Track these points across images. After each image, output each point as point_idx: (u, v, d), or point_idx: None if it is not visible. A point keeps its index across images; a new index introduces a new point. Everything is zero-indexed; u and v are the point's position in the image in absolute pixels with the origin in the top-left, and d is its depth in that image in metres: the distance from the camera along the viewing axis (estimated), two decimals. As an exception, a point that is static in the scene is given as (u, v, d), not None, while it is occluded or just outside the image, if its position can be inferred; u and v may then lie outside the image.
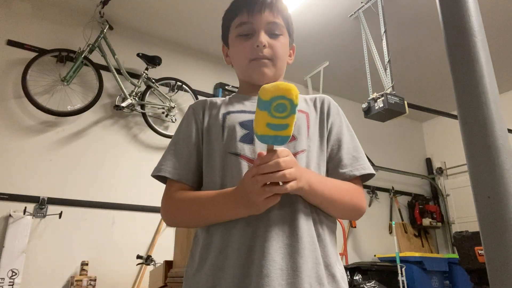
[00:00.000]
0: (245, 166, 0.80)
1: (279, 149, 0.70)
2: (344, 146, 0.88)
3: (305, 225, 0.77)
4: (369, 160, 3.70)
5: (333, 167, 0.88)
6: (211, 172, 0.86)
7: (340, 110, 0.96)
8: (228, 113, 0.89)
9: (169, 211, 0.90)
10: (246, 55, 0.90)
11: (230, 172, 0.82)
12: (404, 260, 3.64)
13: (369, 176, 0.88)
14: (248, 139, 0.83)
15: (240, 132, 0.84)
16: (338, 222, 3.72)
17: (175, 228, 2.48)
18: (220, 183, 0.83)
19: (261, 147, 0.81)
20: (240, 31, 0.91)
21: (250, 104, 0.91)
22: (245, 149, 0.82)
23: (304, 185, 0.74)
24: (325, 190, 0.79)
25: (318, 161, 0.86)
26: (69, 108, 3.16)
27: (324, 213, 0.83)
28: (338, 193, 0.82)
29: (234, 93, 1.00)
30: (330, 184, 0.82)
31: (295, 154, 0.81)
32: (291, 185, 0.71)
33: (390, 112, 2.93)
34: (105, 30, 3.30)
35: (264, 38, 0.88)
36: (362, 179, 0.89)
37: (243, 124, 0.85)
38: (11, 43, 3.11)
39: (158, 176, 0.92)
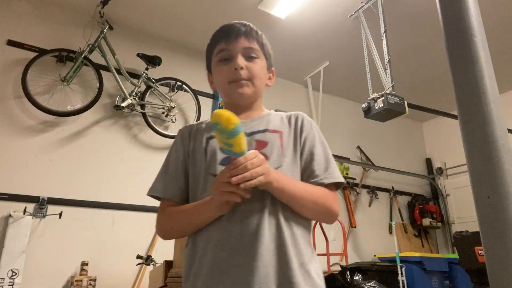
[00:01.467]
0: None
1: (248, 152, 0.81)
2: (316, 158, 0.97)
3: (269, 225, 0.86)
4: (369, 160, 3.69)
5: (306, 178, 0.96)
6: (195, 190, 0.97)
7: (314, 125, 1.04)
8: (211, 137, 1.00)
9: (161, 224, 1.03)
10: (226, 78, 1.01)
11: (205, 187, 0.94)
12: (404, 260, 3.64)
13: (339, 184, 0.96)
14: (227, 162, 0.91)
15: (220, 156, 0.95)
16: (338, 222, 3.72)
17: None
18: (195, 194, 0.97)
19: None
20: (220, 57, 1.03)
21: None
22: None
23: (273, 180, 0.84)
24: (294, 189, 0.88)
25: (292, 174, 0.94)
26: (69, 108, 3.16)
27: (296, 213, 0.90)
28: (308, 193, 0.90)
29: None
30: (300, 184, 0.91)
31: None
32: (259, 179, 0.81)
33: (390, 112, 2.93)
34: (105, 30, 3.30)
35: (241, 61, 0.99)
36: (335, 188, 0.97)
37: (223, 149, 0.94)
38: (11, 43, 3.11)
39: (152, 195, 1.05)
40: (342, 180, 0.95)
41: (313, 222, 1.00)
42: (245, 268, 0.82)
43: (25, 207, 2.78)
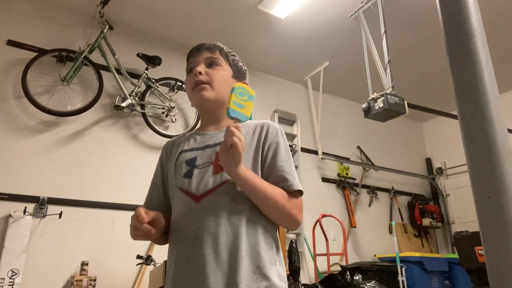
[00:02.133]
0: (182, 197, 0.98)
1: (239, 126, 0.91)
2: (277, 166, 0.99)
3: (227, 231, 0.91)
4: (369, 160, 3.69)
5: (273, 184, 0.99)
6: (171, 200, 1.06)
7: (280, 133, 1.06)
8: (182, 152, 1.08)
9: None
10: (189, 86, 1.10)
11: (174, 200, 1.03)
12: (404, 260, 3.64)
13: (301, 192, 0.99)
14: (189, 174, 1.00)
15: (185, 169, 1.02)
16: (338, 222, 3.73)
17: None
18: (174, 208, 1.04)
19: (196, 179, 0.98)
20: (187, 70, 1.14)
21: (201, 140, 1.08)
22: (185, 183, 1.00)
23: (242, 169, 0.91)
24: (260, 186, 0.93)
25: None
26: (69, 108, 3.16)
27: (261, 217, 0.95)
28: (270, 190, 0.94)
29: (196, 129, 1.18)
30: (266, 184, 0.95)
31: (223, 183, 0.96)
32: (234, 150, 0.88)
33: (390, 112, 2.93)
34: (105, 30, 3.30)
35: (200, 68, 1.08)
36: (299, 195, 1.00)
37: (188, 162, 1.03)
38: (11, 43, 3.11)
39: None
40: (300, 188, 0.99)
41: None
42: (197, 276, 0.89)
43: (25, 207, 2.78)
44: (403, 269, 3.33)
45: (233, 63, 1.14)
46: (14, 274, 2.60)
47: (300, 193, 0.99)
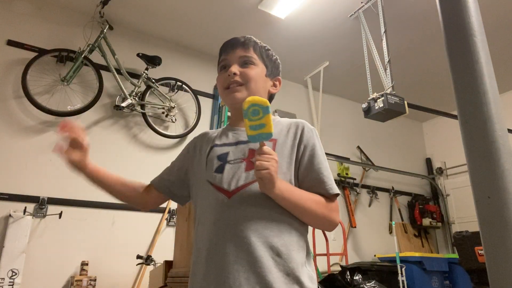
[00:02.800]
0: (212, 191, 0.98)
1: (266, 148, 0.87)
2: (314, 168, 0.99)
3: (258, 235, 0.89)
4: (369, 160, 3.69)
5: (310, 186, 0.98)
6: (196, 198, 1.06)
7: (315, 133, 1.05)
8: (213, 146, 1.07)
9: None
10: (222, 85, 1.08)
11: (202, 194, 1.02)
12: (404, 260, 3.64)
13: (337, 195, 0.99)
14: (220, 169, 1.00)
15: (216, 164, 1.01)
16: (339, 223, 3.72)
17: (175, 228, 2.48)
18: (197, 204, 1.04)
19: (228, 175, 0.97)
20: (220, 67, 1.11)
21: (233, 136, 1.07)
22: (216, 177, 0.99)
23: (278, 187, 0.88)
24: (297, 198, 0.92)
25: (284, 179, 0.96)
26: (69, 108, 3.16)
27: (294, 218, 0.94)
28: (310, 203, 0.94)
29: (227, 125, 1.16)
30: (304, 194, 0.94)
31: (254, 181, 0.93)
32: (266, 174, 0.85)
33: (390, 112, 2.93)
34: (105, 30, 3.30)
35: (235, 68, 1.06)
36: (335, 197, 1.00)
37: (220, 157, 1.03)
38: (11, 43, 3.11)
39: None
40: (338, 191, 0.99)
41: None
42: (227, 274, 0.87)
43: (25, 207, 2.78)
44: (403, 269, 3.32)
45: (267, 59, 1.12)
46: (14, 274, 2.60)
47: (336, 195, 0.99)
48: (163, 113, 3.57)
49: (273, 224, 0.91)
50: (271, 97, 1.14)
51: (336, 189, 0.98)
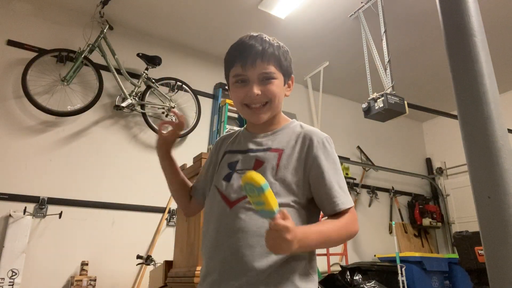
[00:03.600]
0: (218, 198, 0.99)
1: (273, 225, 0.78)
2: (325, 183, 0.95)
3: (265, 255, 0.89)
4: (369, 160, 3.69)
5: (320, 203, 0.97)
6: (208, 195, 1.07)
7: (325, 145, 1.01)
8: (227, 152, 1.08)
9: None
10: (240, 100, 1.02)
11: (210, 199, 1.03)
12: (404, 260, 3.64)
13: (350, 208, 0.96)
14: (228, 177, 1.00)
15: (225, 171, 1.02)
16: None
17: (175, 228, 2.48)
18: (206, 205, 1.06)
19: (236, 183, 0.97)
20: (236, 80, 1.02)
21: (245, 143, 1.06)
22: (223, 185, 1.00)
23: (292, 251, 0.81)
24: (317, 243, 0.89)
25: (287, 193, 0.95)
26: (69, 108, 3.16)
27: None
28: (329, 237, 0.90)
29: (245, 126, 1.15)
30: (322, 235, 0.89)
31: None
32: (274, 251, 0.81)
33: (390, 112, 2.93)
34: (105, 30, 3.30)
35: (256, 89, 0.99)
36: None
37: (230, 165, 1.03)
38: (11, 43, 3.11)
39: None
40: (352, 204, 0.96)
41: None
42: (225, 284, 0.90)
43: (25, 207, 2.78)
44: (403, 269, 3.32)
45: (284, 64, 1.05)
46: (14, 274, 2.60)
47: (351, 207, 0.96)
48: (163, 113, 3.57)
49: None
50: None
51: (348, 203, 0.95)
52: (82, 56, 3.13)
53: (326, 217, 0.97)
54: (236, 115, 4.04)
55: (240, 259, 0.89)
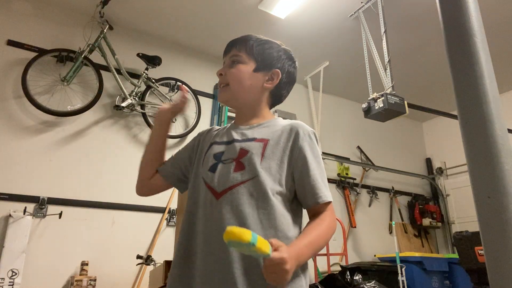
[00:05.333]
0: (205, 190, 0.99)
1: (269, 261, 0.78)
2: (310, 174, 0.97)
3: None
4: (369, 160, 3.69)
5: (302, 195, 0.98)
6: (191, 186, 1.07)
7: (310, 137, 1.03)
8: (213, 143, 1.08)
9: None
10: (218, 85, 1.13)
11: (196, 190, 1.03)
12: (404, 260, 3.64)
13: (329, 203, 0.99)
14: (213, 168, 1.01)
15: (211, 162, 1.02)
16: (338, 222, 3.72)
17: (175, 228, 2.48)
18: (190, 196, 1.05)
19: (218, 175, 0.98)
20: None
21: (231, 134, 1.08)
22: (209, 176, 1.00)
23: (292, 270, 0.81)
24: (311, 254, 0.91)
25: (273, 182, 0.96)
26: (69, 108, 3.16)
27: (281, 219, 0.94)
28: (319, 244, 0.92)
29: (232, 123, 1.17)
30: (313, 246, 0.90)
31: (241, 183, 0.95)
32: (276, 284, 0.81)
33: (390, 112, 2.93)
34: (105, 30, 3.30)
35: (222, 69, 1.10)
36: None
37: (215, 156, 1.04)
38: (11, 43, 3.11)
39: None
40: (331, 199, 0.98)
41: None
42: (219, 277, 0.89)
43: (25, 207, 2.78)
44: (403, 269, 3.32)
45: (258, 53, 1.09)
46: (14, 274, 2.60)
47: (329, 203, 0.99)
48: (163, 113, 3.57)
49: (258, 227, 0.90)
50: (271, 93, 1.12)
51: (330, 197, 0.97)
52: (82, 56, 3.13)
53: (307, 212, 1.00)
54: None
55: (228, 250, 0.89)
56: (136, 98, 3.39)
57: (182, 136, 3.66)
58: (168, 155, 1.19)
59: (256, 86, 1.08)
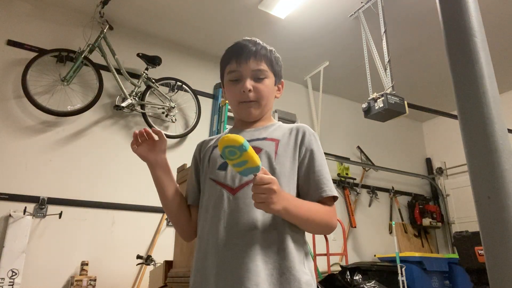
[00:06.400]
0: (217, 189, 0.99)
1: (260, 177, 0.84)
2: (315, 170, 1.01)
3: (262, 234, 0.92)
4: (369, 160, 3.69)
5: (306, 190, 1.01)
6: (201, 195, 1.07)
7: (316, 138, 1.07)
8: (215, 146, 1.08)
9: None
10: (236, 98, 1.08)
11: (207, 192, 1.03)
12: (404, 260, 3.64)
13: (336, 198, 1.01)
14: (223, 167, 1.01)
15: (219, 161, 1.03)
16: (338, 222, 3.73)
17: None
18: (203, 200, 1.05)
19: (231, 172, 0.99)
20: (230, 77, 1.09)
21: (242, 134, 1.06)
22: (219, 175, 1.01)
23: (280, 209, 0.87)
24: (300, 213, 0.93)
25: (288, 180, 0.99)
26: (69, 108, 3.16)
27: (289, 225, 0.96)
28: (312, 214, 0.95)
29: (231, 127, 1.18)
30: (305, 207, 0.95)
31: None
32: (264, 206, 0.85)
33: (390, 112, 2.93)
34: (105, 30, 3.30)
35: (249, 84, 1.05)
36: (333, 200, 1.02)
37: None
38: (11, 43, 3.11)
39: None
40: (336, 194, 1.01)
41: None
42: (237, 271, 0.89)
43: (25, 207, 2.78)
44: (403, 269, 3.32)
45: (276, 66, 1.12)
46: (14, 274, 2.60)
47: (335, 199, 1.01)
48: (163, 113, 3.57)
49: (274, 221, 0.94)
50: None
51: (335, 192, 1.00)
52: (82, 56, 3.13)
53: None
54: (236, 115, 4.04)
55: (253, 243, 0.91)
56: (136, 98, 3.39)
57: (182, 136, 3.67)
58: (168, 156, 1.17)
59: (273, 97, 1.13)
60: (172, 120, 3.60)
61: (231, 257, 0.90)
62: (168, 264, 2.33)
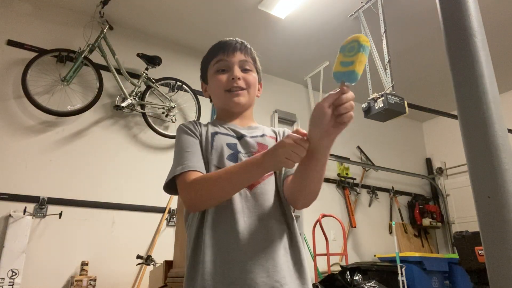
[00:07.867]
0: None
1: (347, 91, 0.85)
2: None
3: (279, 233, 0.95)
4: (369, 160, 3.68)
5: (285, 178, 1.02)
6: None
7: None
8: (216, 133, 1.06)
9: (200, 192, 0.93)
10: (223, 86, 1.08)
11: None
12: (404, 260, 3.64)
13: None
14: (233, 158, 1.00)
15: (227, 152, 1.01)
16: (338, 222, 3.73)
17: (175, 228, 2.48)
18: None
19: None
20: (218, 67, 1.09)
21: (229, 129, 1.08)
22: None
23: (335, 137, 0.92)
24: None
25: (285, 173, 1.03)
26: (69, 108, 3.16)
27: (293, 218, 1.00)
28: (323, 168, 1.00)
29: (213, 120, 1.15)
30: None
31: (270, 174, 1.00)
32: (351, 115, 0.89)
33: (390, 112, 2.93)
34: (105, 30, 3.30)
35: (238, 72, 1.07)
36: None
37: (229, 146, 1.02)
38: (11, 43, 3.11)
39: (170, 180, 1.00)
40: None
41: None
42: (250, 265, 0.89)
43: (25, 207, 2.78)
44: (403, 269, 3.32)
45: (258, 67, 1.16)
46: (14, 274, 2.60)
47: None
48: (163, 113, 3.57)
49: (286, 216, 0.98)
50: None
51: None
52: (82, 56, 3.13)
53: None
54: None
55: (272, 238, 0.92)
56: (136, 98, 3.39)
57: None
58: (168, 156, 1.17)
59: (256, 93, 1.15)
60: (172, 120, 3.59)
61: (258, 251, 0.90)
62: (168, 264, 2.33)
